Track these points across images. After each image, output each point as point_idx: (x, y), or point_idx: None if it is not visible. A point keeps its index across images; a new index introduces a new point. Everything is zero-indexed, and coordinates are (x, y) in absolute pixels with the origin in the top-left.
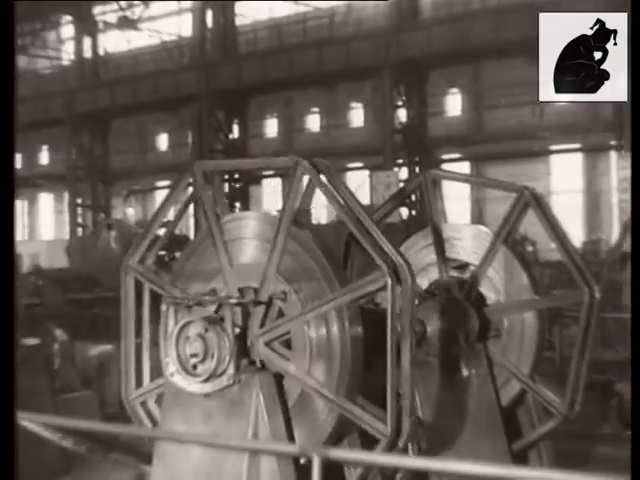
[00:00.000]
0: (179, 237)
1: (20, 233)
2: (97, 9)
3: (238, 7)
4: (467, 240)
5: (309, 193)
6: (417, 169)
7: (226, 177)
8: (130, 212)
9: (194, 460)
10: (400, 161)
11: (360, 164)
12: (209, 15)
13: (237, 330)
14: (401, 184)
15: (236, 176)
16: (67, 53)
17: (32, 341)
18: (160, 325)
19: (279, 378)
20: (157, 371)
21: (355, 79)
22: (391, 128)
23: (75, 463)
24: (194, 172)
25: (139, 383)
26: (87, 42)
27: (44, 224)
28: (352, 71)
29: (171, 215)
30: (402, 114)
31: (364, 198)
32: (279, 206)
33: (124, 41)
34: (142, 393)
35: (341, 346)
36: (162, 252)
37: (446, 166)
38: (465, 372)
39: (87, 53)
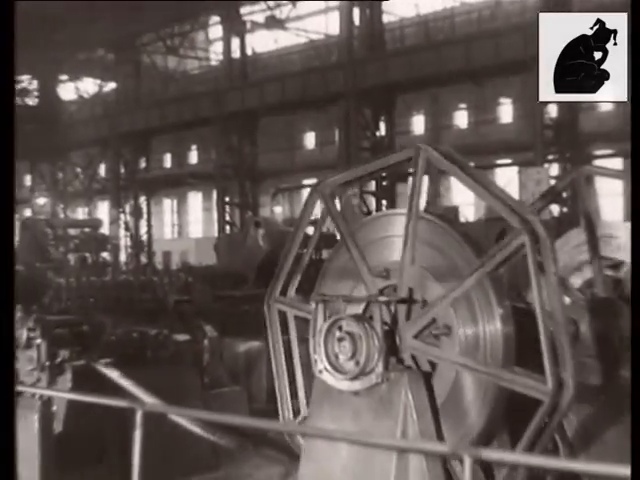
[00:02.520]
0: (326, 235)
1: (169, 231)
2: (245, 9)
3: (385, 4)
4: (622, 238)
5: (435, 180)
6: (568, 165)
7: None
8: (278, 210)
9: (342, 458)
10: (550, 157)
11: (509, 160)
12: (356, 13)
13: (385, 328)
14: (551, 181)
15: (383, 174)
16: (215, 53)
17: (182, 337)
18: (309, 323)
19: (428, 377)
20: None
21: (504, 74)
22: (541, 124)
23: (225, 459)
24: (320, 193)
25: (296, 411)
26: (235, 42)
27: (193, 222)
28: (501, 66)
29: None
30: (552, 109)
31: (513, 195)
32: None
33: (271, 40)
34: (300, 421)
35: (492, 340)
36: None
37: (598, 162)
38: (620, 373)
39: (235, 53)
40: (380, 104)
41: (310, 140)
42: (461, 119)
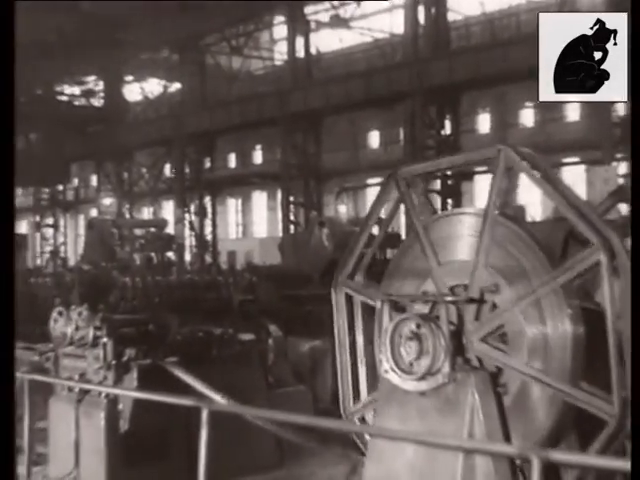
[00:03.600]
0: (391, 235)
1: (234, 231)
2: (309, 9)
3: (450, 2)
4: None
5: (512, 183)
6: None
7: (438, 174)
8: (342, 209)
9: (408, 457)
10: (619, 156)
11: (576, 159)
12: (421, 11)
13: (452, 328)
14: (619, 179)
15: (448, 173)
16: (280, 53)
17: (247, 336)
18: (374, 323)
19: (495, 377)
20: (374, 384)
21: None
22: (609, 122)
23: (289, 457)
24: (397, 179)
25: (357, 396)
26: (299, 42)
27: (257, 222)
28: None
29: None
30: (620, 107)
31: (580, 194)
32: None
33: (336, 40)
34: (360, 408)
35: (560, 343)
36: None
37: None
38: None
39: (300, 53)
40: (445, 102)
41: (374, 139)
42: (527, 117)
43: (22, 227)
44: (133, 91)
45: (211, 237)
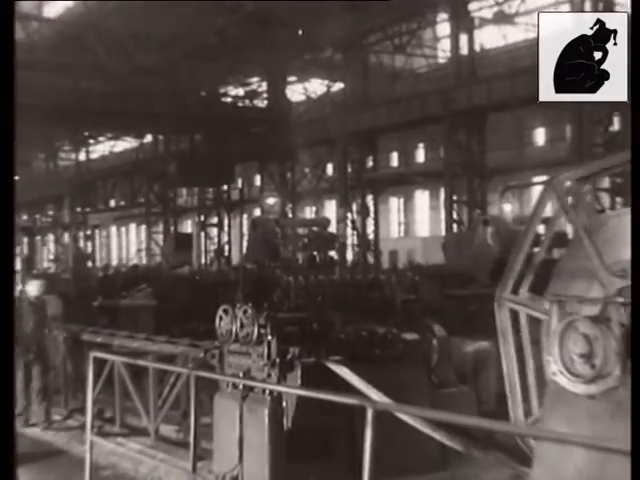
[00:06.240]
0: (557, 234)
1: (396, 230)
2: (473, 5)
3: None
4: None
5: None
6: None
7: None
8: (507, 208)
9: (577, 462)
10: None
11: None
12: (587, 5)
13: (623, 330)
14: None
15: (619, 171)
16: (443, 51)
17: (411, 336)
18: (542, 324)
19: None
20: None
21: None
22: None
23: (452, 458)
24: (554, 188)
25: (527, 412)
26: (463, 39)
27: (420, 221)
28: None
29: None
30: None
31: None
32: None
33: (500, 36)
34: (531, 422)
35: None
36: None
37: None
38: None
39: (463, 50)
40: None
41: (540, 136)
42: None
43: (187, 226)
44: (296, 91)
45: (373, 236)
